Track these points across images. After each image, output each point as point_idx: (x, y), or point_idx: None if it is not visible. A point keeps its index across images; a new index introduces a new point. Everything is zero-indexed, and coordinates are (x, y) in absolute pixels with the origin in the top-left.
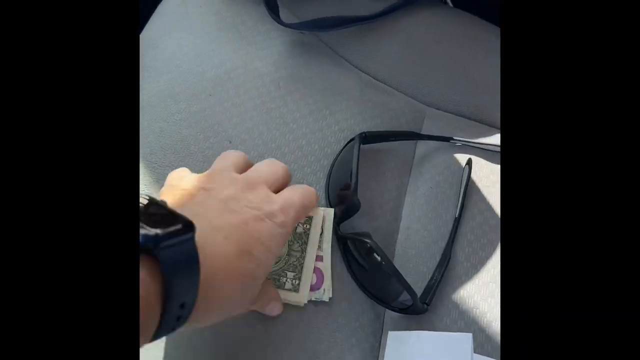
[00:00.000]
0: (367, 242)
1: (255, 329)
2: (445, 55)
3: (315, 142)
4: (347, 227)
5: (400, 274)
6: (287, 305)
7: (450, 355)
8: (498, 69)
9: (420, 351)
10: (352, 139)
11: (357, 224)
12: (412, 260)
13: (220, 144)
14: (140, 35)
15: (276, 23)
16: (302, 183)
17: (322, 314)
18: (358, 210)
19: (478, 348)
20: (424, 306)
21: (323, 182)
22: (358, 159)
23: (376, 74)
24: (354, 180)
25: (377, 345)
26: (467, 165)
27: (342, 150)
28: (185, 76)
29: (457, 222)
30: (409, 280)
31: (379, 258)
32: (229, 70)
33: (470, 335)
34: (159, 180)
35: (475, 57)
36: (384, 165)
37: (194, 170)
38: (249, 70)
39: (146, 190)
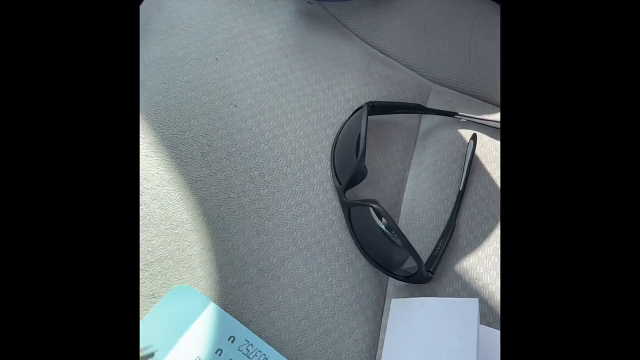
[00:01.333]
0: (374, 207)
1: (260, 294)
2: (450, 33)
3: (320, 110)
4: (351, 196)
5: (406, 239)
6: (290, 271)
7: (456, 320)
8: (500, 47)
9: (425, 317)
10: (359, 108)
11: (361, 193)
12: (416, 231)
13: (226, 108)
14: None
15: None
16: (308, 150)
17: (326, 280)
18: (364, 177)
19: (480, 319)
20: (428, 274)
21: (328, 151)
22: (366, 126)
23: (382, 48)
24: (361, 147)
25: (379, 313)
26: (471, 140)
27: (348, 118)
28: (192, 39)
29: (461, 195)
30: None
31: (382, 226)
32: (235, 35)
33: (476, 300)
34: (163, 140)
35: (479, 36)
36: (388, 137)
37: (198, 132)
38: (256, 37)
39: (147, 149)
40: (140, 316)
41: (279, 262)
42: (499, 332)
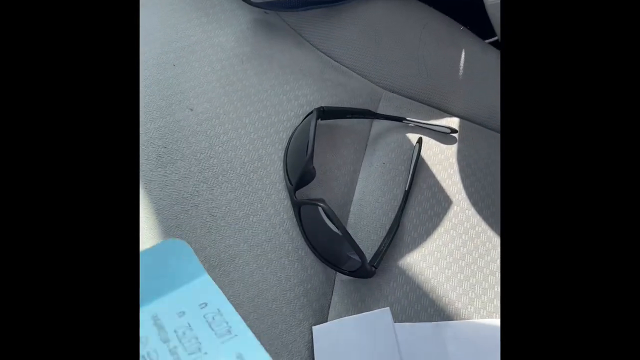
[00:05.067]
0: (321, 206)
1: None
2: (399, 42)
3: (275, 115)
4: (302, 196)
5: (350, 236)
6: (240, 267)
7: (374, 332)
8: (447, 57)
9: (347, 337)
10: (310, 113)
11: (312, 193)
12: (364, 229)
13: (182, 111)
14: None
15: (241, 2)
16: (261, 152)
17: (275, 275)
18: (313, 177)
19: (422, 312)
20: (372, 269)
21: (281, 153)
22: (315, 129)
23: (336, 56)
24: (310, 148)
25: (327, 305)
26: (417, 144)
27: (301, 122)
28: (151, 46)
29: (407, 195)
30: (360, 247)
31: (330, 224)
32: (193, 43)
33: (387, 309)
34: None
35: (428, 45)
36: (340, 140)
37: (154, 134)
38: (213, 44)
39: None
40: None
41: (229, 258)
42: (417, 324)
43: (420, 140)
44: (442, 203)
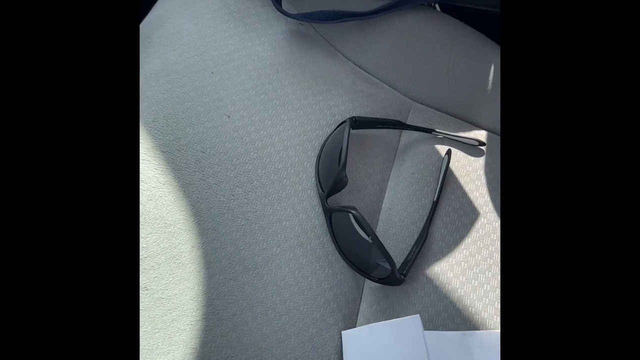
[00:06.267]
0: (352, 213)
1: (244, 290)
2: (430, 55)
3: (308, 124)
4: (333, 203)
5: (380, 242)
6: (273, 270)
7: (404, 338)
8: (476, 71)
9: (376, 342)
10: (343, 122)
11: (343, 201)
12: (392, 237)
13: (220, 118)
14: (149, 15)
15: (277, 12)
16: (294, 159)
17: (306, 279)
18: (345, 185)
19: (449, 320)
20: (401, 277)
21: (313, 160)
22: (348, 138)
23: (367, 68)
24: (343, 157)
25: (355, 311)
26: (446, 155)
27: (333, 131)
28: (190, 54)
29: (435, 205)
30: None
31: (360, 231)
32: (231, 52)
33: (417, 316)
34: (160, 146)
35: (458, 59)
36: (370, 150)
37: (192, 139)
38: (250, 54)
39: (145, 154)
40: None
41: (263, 261)
42: (445, 332)
43: (449, 152)
44: (470, 214)
